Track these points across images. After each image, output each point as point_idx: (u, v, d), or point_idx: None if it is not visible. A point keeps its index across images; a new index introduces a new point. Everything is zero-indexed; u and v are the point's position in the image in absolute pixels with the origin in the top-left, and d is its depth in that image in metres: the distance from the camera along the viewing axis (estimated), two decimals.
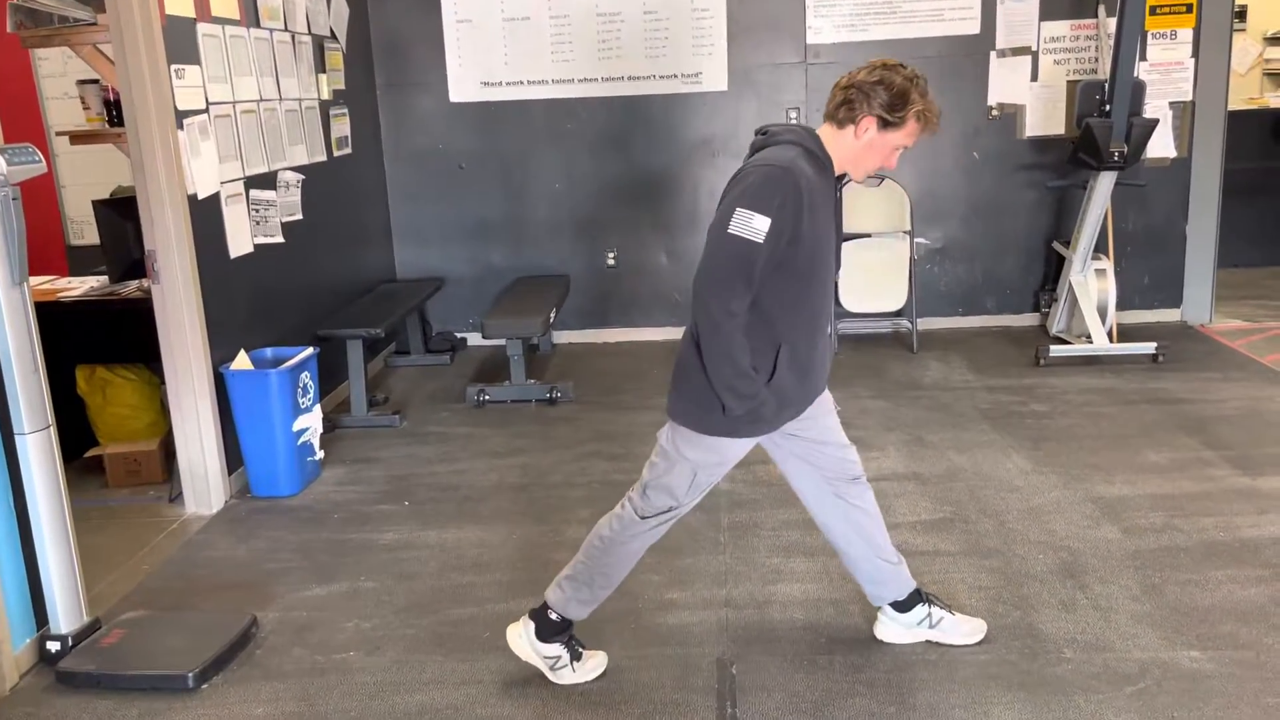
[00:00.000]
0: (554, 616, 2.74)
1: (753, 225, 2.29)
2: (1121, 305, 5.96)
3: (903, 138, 2.43)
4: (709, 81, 6.11)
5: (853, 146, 2.44)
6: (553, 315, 5.45)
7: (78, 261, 6.42)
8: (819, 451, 2.72)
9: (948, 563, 3.40)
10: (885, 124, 2.40)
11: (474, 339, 6.38)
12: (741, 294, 2.34)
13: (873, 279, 5.82)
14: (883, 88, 2.38)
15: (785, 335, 2.45)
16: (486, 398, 5.30)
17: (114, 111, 4.21)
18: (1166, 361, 5.41)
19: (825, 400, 2.72)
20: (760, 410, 2.45)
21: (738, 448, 2.59)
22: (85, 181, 6.51)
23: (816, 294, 2.47)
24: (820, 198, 2.41)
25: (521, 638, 2.78)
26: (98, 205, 4.33)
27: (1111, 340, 5.56)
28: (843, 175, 2.53)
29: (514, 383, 5.31)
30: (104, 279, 4.62)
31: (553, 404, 5.26)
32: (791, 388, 2.51)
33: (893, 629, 2.92)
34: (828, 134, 2.47)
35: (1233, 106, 6.21)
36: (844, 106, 2.42)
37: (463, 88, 6.19)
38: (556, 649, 2.76)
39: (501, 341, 5.38)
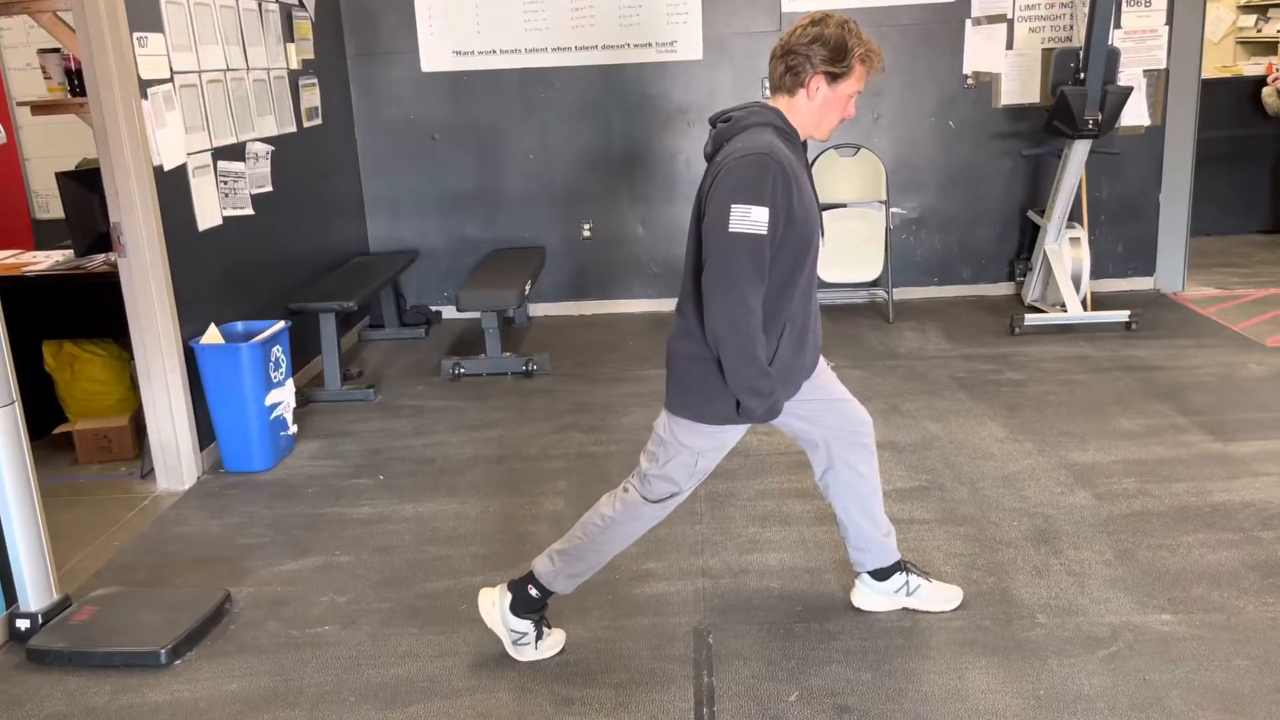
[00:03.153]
0: (534, 593, 2.71)
1: (752, 218, 2.28)
2: (1095, 274, 5.99)
3: (853, 84, 2.42)
4: (684, 50, 6.05)
5: (810, 109, 2.43)
6: (528, 287, 5.42)
7: (43, 235, 6.33)
8: (822, 410, 2.71)
9: (923, 530, 3.41)
10: (834, 77, 2.39)
11: (449, 312, 6.35)
12: (757, 289, 2.33)
13: (849, 249, 5.81)
14: (820, 44, 2.36)
15: (787, 311, 2.45)
16: (462, 371, 5.27)
17: (76, 81, 4.12)
18: (1140, 329, 5.44)
19: (820, 371, 2.71)
20: (776, 406, 2.44)
21: (738, 430, 2.58)
22: (50, 154, 6.40)
23: (809, 266, 2.47)
24: (800, 171, 2.41)
25: (494, 607, 2.76)
26: (61, 177, 4.25)
27: (1085, 308, 5.58)
28: (804, 143, 2.53)
29: (489, 355, 5.28)
30: (69, 252, 4.55)
31: (529, 377, 5.23)
32: (791, 363, 2.51)
33: (870, 597, 2.94)
34: (783, 105, 2.45)
35: (1206, 75, 6.22)
36: (789, 74, 2.40)
37: (435, 57, 6.10)
38: (526, 625, 2.75)
39: (477, 314, 5.35)
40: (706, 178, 2.41)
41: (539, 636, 2.77)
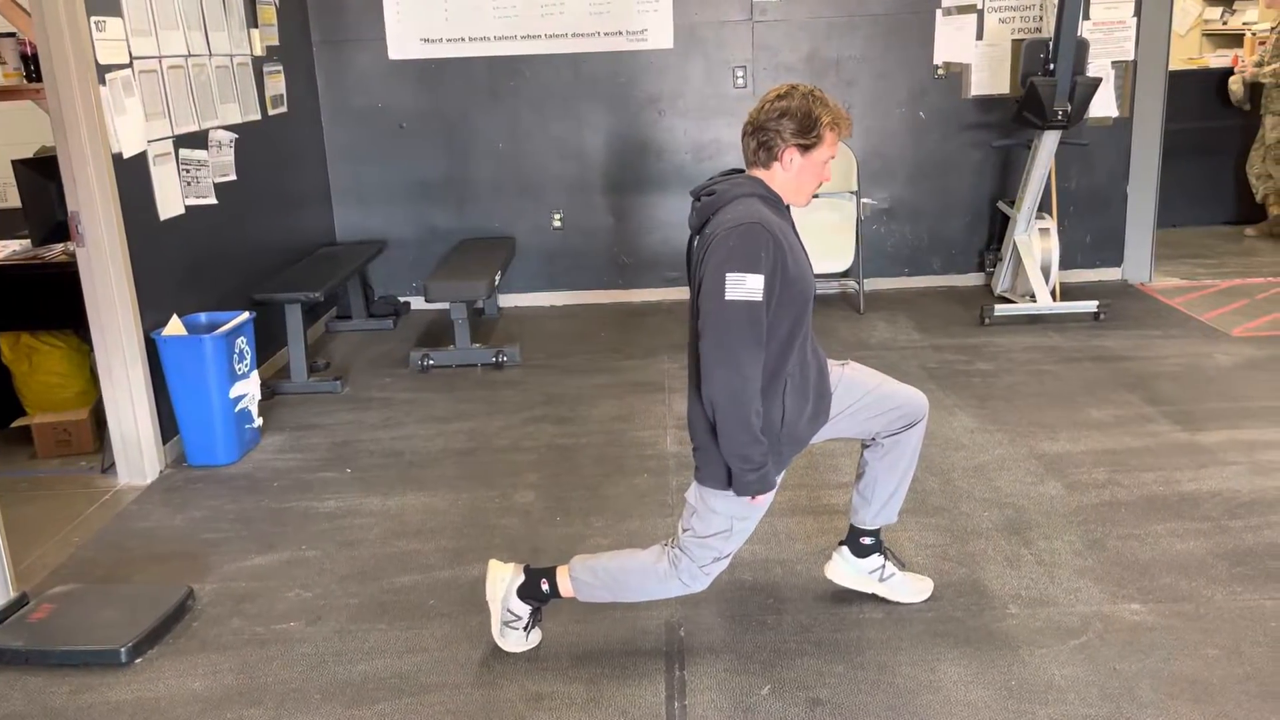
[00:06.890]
0: (545, 588, 2.68)
1: (748, 285, 2.31)
2: (1064, 264, 6.01)
3: (826, 151, 2.45)
4: (654, 39, 6.01)
5: (787, 179, 2.46)
6: (498, 278, 5.36)
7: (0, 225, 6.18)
8: (853, 412, 2.71)
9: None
10: (805, 148, 2.42)
11: (417, 303, 6.28)
12: (755, 355, 2.35)
13: (820, 239, 5.79)
14: (787, 118, 2.39)
15: (786, 369, 2.46)
16: (431, 362, 5.21)
17: (32, 66, 4.03)
18: (1108, 320, 5.48)
19: (843, 378, 2.71)
20: (767, 477, 2.43)
21: (767, 493, 2.55)
22: (8, 141, 6.25)
23: (806, 322, 2.50)
24: (790, 235, 2.45)
25: (503, 582, 2.71)
26: (18, 165, 4.15)
27: (1054, 299, 5.61)
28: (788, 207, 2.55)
29: (459, 347, 5.23)
30: (27, 242, 4.45)
31: (499, 368, 5.19)
32: (797, 418, 2.50)
33: (844, 571, 2.93)
34: (762, 176, 2.48)
35: (1173, 66, 6.25)
36: (762, 149, 2.44)
37: (402, 44, 6.03)
38: (525, 610, 2.72)
39: (445, 305, 5.29)
40: (697, 250, 2.44)
41: (529, 627, 2.74)
